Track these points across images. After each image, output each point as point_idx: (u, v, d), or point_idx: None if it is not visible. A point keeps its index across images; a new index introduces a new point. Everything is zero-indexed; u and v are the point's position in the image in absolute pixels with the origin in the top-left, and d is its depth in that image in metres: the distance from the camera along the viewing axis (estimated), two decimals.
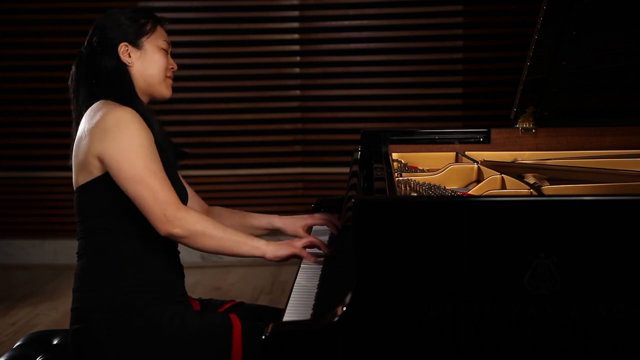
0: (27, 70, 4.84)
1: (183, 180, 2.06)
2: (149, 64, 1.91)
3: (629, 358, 1.34)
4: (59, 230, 4.93)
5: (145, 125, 1.80)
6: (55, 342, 1.98)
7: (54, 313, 3.93)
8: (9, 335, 3.61)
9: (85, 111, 1.84)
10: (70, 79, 1.92)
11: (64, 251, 4.90)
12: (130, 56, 1.89)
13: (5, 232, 5.03)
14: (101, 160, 1.77)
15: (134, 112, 1.79)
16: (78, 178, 1.83)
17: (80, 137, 1.82)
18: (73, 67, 1.92)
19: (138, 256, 1.82)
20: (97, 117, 1.78)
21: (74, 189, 1.85)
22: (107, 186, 1.78)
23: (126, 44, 1.89)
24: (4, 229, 5.03)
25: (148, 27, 1.92)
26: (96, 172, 1.79)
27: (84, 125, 1.82)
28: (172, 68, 1.97)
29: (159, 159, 1.79)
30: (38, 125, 4.88)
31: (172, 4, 4.84)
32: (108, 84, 1.86)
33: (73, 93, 1.91)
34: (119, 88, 1.87)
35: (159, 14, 1.98)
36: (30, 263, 5.01)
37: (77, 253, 1.86)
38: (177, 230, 1.73)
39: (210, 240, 1.76)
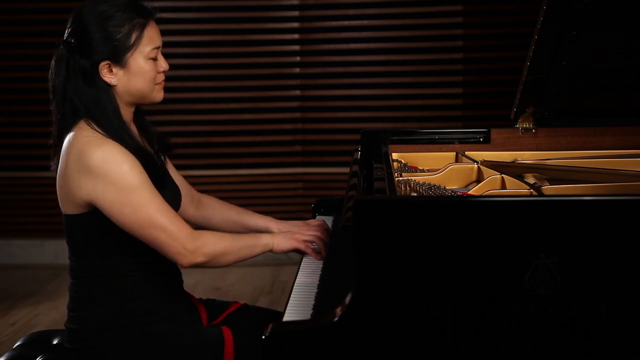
0: (27, 70, 4.83)
1: (175, 171, 2.02)
2: (134, 80, 1.74)
3: (629, 358, 1.34)
4: (59, 230, 4.90)
5: (134, 159, 1.69)
6: (55, 342, 1.98)
7: (54, 313, 3.93)
8: (9, 335, 3.61)
9: (66, 127, 1.75)
10: (50, 75, 1.79)
11: (64, 251, 4.85)
12: (113, 74, 1.73)
13: (6, 232, 5.03)
14: (93, 204, 1.69)
15: (118, 147, 1.68)
16: (64, 206, 1.76)
17: (64, 171, 1.72)
18: (52, 63, 1.77)
19: (133, 281, 1.78)
20: (81, 155, 1.67)
21: (62, 211, 1.78)
22: (95, 220, 1.72)
23: (108, 62, 1.71)
24: (4, 229, 5.03)
25: (133, 38, 1.71)
26: (83, 210, 1.72)
27: (66, 158, 1.71)
28: (163, 70, 1.80)
29: (155, 189, 1.71)
30: (38, 125, 4.87)
31: (172, 4, 4.83)
32: (89, 103, 1.73)
33: (53, 91, 1.79)
34: (100, 111, 1.73)
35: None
36: (30, 263, 5.00)
37: (70, 272, 1.82)
38: (200, 259, 1.70)
39: (230, 256, 1.75)
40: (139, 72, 1.75)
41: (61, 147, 1.77)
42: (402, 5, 4.78)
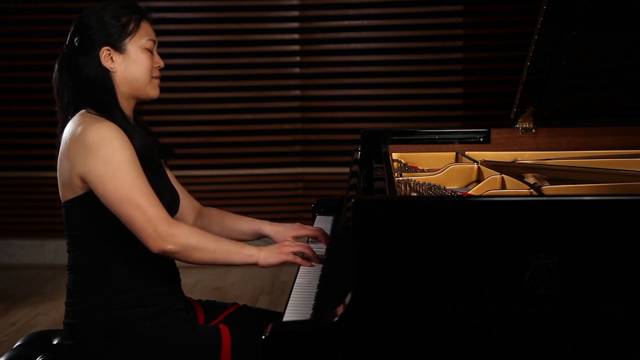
0: (26, 70, 4.84)
1: (176, 181, 2.04)
2: (133, 67, 1.82)
3: (629, 358, 1.34)
4: (59, 230, 4.91)
5: (127, 139, 1.73)
6: (55, 342, 1.98)
7: (54, 313, 3.93)
8: (9, 335, 3.61)
9: (68, 121, 1.79)
10: (53, 78, 1.85)
11: (64, 251, 4.86)
12: (112, 60, 1.81)
13: (6, 232, 5.04)
14: (84, 180, 1.72)
15: (114, 126, 1.73)
16: (63, 193, 1.79)
17: (62, 154, 1.76)
18: (56, 66, 1.84)
19: (129, 271, 1.79)
20: (78, 134, 1.72)
21: (61, 202, 1.81)
22: (91, 203, 1.74)
23: (108, 48, 1.80)
24: (4, 229, 5.04)
25: (131, 26, 1.82)
26: (79, 190, 1.75)
27: (65, 140, 1.76)
28: (159, 66, 1.88)
29: (144, 173, 1.74)
30: (38, 125, 4.88)
31: (172, 4, 4.83)
32: (89, 91, 1.79)
33: (57, 95, 1.84)
34: (100, 97, 1.80)
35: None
36: (30, 263, 5.01)
37: (67, 266, 1.83)
38: (170, 247, 1.70)
39: (203, 254, 1.74)
40: (136, 59, 1.83)
41: None
42: (402, 5, 4.79)
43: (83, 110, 1.79)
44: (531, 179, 2.00)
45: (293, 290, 1.74)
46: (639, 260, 1.32)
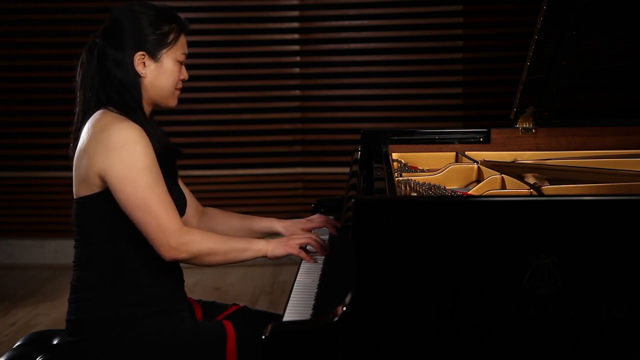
0: (27, 70, 4.84)
1: (184, 186, 2.04)
2: (162, 77, 1.83)
3: (629, 358, 1.34)
4: (59, 230, 4.93)
5: (149, 143, 1.75)
6: (55, 342, 1.98)
7: (54, 313, 3.93)
8: (9, 335, 3.61)
9: (89, 116, 1.80)
10: (79, 65, 1.84)
11: (64, 251, 4.90)
12: (145, 66, 1.81)
13: (6, 232, 5.03)
14: (103, 179, 1.73)
15: (138, 129, 1.74)
16: (78, 189, 1.79)
17: (82, 150, 1.76)
18: (83, 55, 1.83)
19: (135, 270, 1.79)
20: (100, 131, 1.72)
21: (74, 197, 1.81)
22: (107, 201, 1.75)
23: (143, 53, 1.80)
24: (4, 229, 5.03)
25: (170, 37, 1.83)
26: (96, 188, 1.75)
27: (86, 136, 1.76)
28: (183, 79, 1.89)
29: (162, 179, 1.75)
30: (38, 125, 4.88)
31: (172, 4, 4.82)
32: (115, 90, 1.80)
33: (81, 82, 1.83)
34: (126, 98, 1.80)
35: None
36: (30, 263, 5.00)
37: (73, 262, 1.83)
38: (182, 256, 1.73)
39: (215, 257, 1.77)
40: (168, 70, 1.84)
41: (80, 134, 1.81)
42: (402, 5, 4.79)
43: (105, 109, 1.79)
44: (531, 179, 2.00)
45: (293, 290, 1.74)
46: (639, 260, 1.32)
